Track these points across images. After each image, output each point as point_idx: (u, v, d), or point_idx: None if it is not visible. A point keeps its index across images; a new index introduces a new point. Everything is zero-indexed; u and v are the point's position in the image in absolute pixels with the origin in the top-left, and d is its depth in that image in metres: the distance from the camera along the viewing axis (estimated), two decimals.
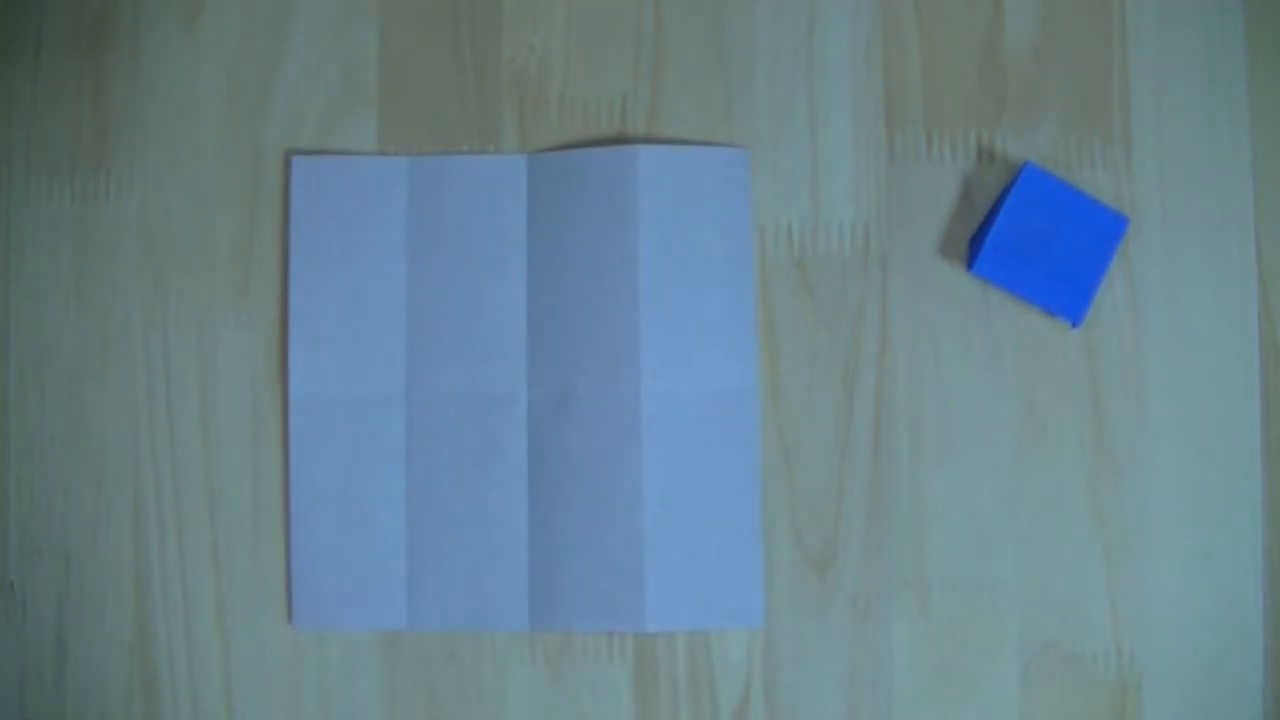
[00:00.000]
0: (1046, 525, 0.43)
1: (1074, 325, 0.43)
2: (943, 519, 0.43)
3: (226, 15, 0.45)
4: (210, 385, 0.44)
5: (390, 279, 0.44)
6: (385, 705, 0.43)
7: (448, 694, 0.43)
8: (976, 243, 0.43)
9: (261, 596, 0.43)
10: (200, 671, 0.43)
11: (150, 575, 0.43)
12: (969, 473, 0.43)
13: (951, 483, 0.43)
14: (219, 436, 0.44)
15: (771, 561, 0.43)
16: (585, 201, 0.44)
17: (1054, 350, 0.44)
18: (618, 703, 0.43)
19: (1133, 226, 0.43)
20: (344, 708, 0.43)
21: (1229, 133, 0.44)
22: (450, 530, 0.43)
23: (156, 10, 0.45)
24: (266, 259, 0.44)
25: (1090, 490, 0.43)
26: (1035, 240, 0.42)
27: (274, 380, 0.44)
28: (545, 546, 0.43)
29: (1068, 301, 0.42)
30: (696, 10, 0.45)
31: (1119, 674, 0.43)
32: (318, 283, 0.44)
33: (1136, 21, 0.44)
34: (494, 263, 0.44)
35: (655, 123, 0.44)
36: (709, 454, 0.43)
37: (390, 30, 0.45)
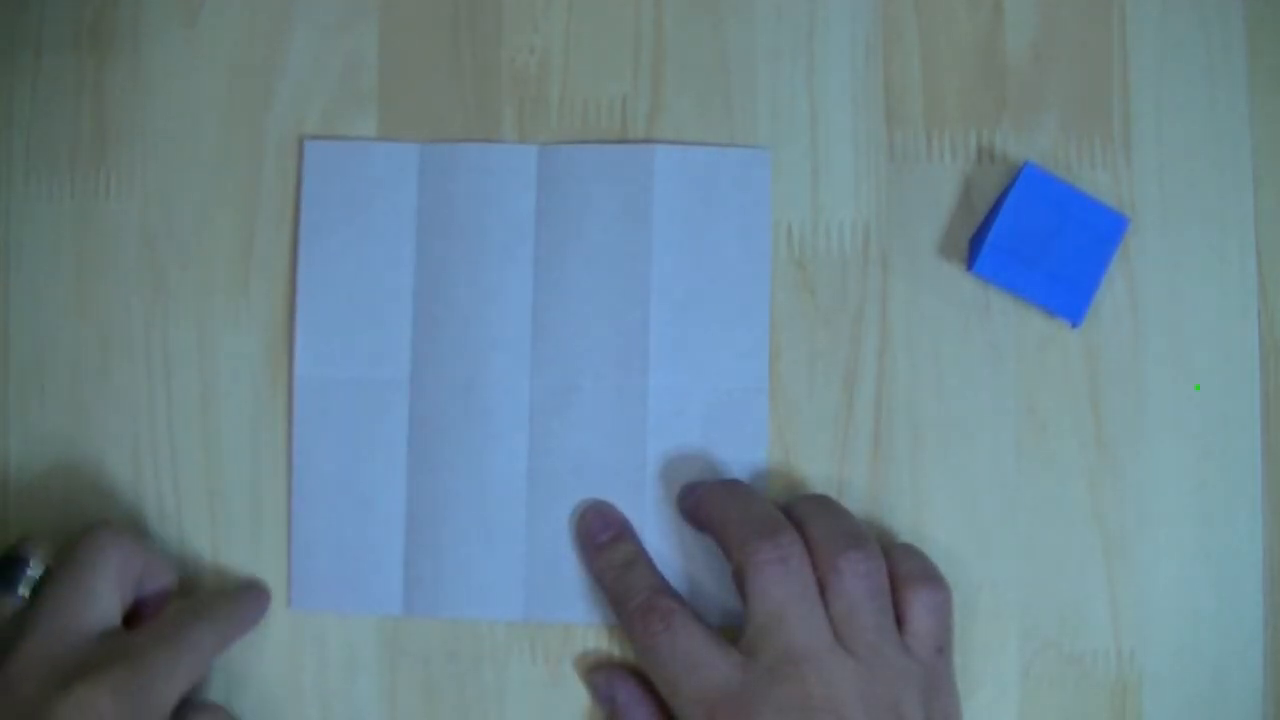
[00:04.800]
0: (1046, 525, 0.43)
1: (1074, 325, 0.43)
2: (943, 519, 0.43)
3: (226, 15, 0.45)
4: (211, 385, 0.44)
5: (398, 264, 0.44)
6: (385, 703, 0.43)
7: (447, 693, 0.43)
8: (976, 243, 0.43)
9: None
10: None
11: None
12: (969, 473, 0.43)
13: (951, 483, 0.43)
14: (220, 436, 0.44)
15: None
16: (597, 196, 0.44)
17: (1054, 350, 0.44)
18: None
19: (1133, 226, 0.43)
20: (343, 706, 0.43)
21: (1229, 133, 0.44)
22: (448, 518, 0.43)
23: (156, 10, 0.45)
24: (268, 258, 0.44)
25: (1090, 490, 0.43)
26: (1035, 240, 0.42)
27: (274, 380, 0.44)
28: (543, 537, 0.43)
29: (1068, 301, 0.42)
30: (696, 10, 0.45)
31: (1119, 674, 0.43)
32: (325, 266, 0.44)
33: (1136, 21, 0.44)
34: (500, 252, 0.44)
35: (655, 123, 0.44)
36: (715, 452, 0.43)
37: (390, 31, 0.45)
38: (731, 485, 0.42)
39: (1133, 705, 0.43)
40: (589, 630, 0.43)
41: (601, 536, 0.42)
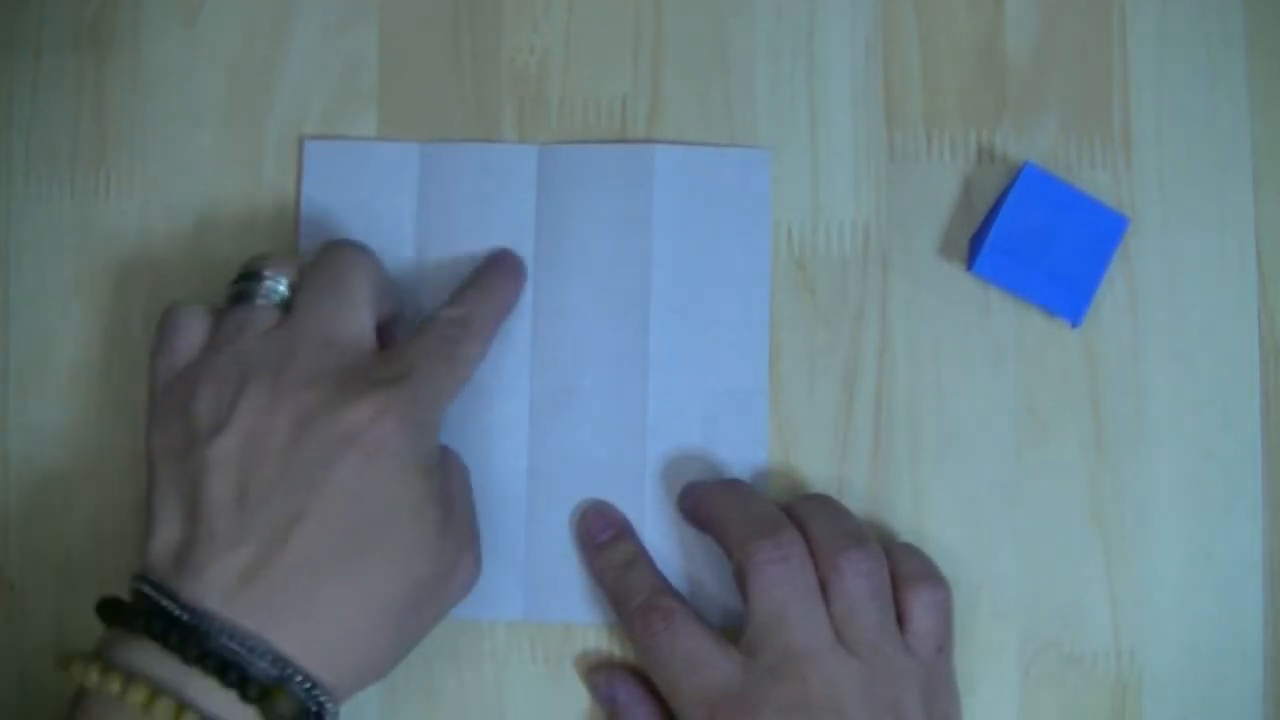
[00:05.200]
0: (1046, 525, 0.43)
1: (1074, 325, 0.43)
2: (943, 519, 0.43)
3: (226, 15, 0.45)
4: None
5: (397, 264, 0.44)
6: (385, 704, 0.43)
7: (447, 692, 0.43)
8: (976, 242, 0.43)
9: None
10: None
11: None
12: (969, 473, 0.43)
13: (951, 483, 0.43)
14: None
15: None
16: (596, 197, 0.44)
17: (1054, 350, 0.44)
18: None
19: (1133, 226, 0.43)
20: (343, 707, 0.43)
21: (1229, 133, 0.44)
22: None
23: (156, 10, 0.45)
24: None
25: (1090, 490, 0.43)
26: (1035, 240, 0.42)
27: None
28: (543, 537, 0.43)
29: (1068, 301, 0.42)
30: (696, 10, 0.45)
31: (1119, 674, 0.43)
32: None
33: (1136, 21, 0.44)
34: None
35: (655, 123, 0.44)
36: (715, 452, 0.43)
37: (390, 31, 0.45)
38: (732, 485, 0.42)
39: (1133, 705, 0.43)
40: (589, 630, 0.43)
41: (602, 536, 0.42)
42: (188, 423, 0.37)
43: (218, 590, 0.35)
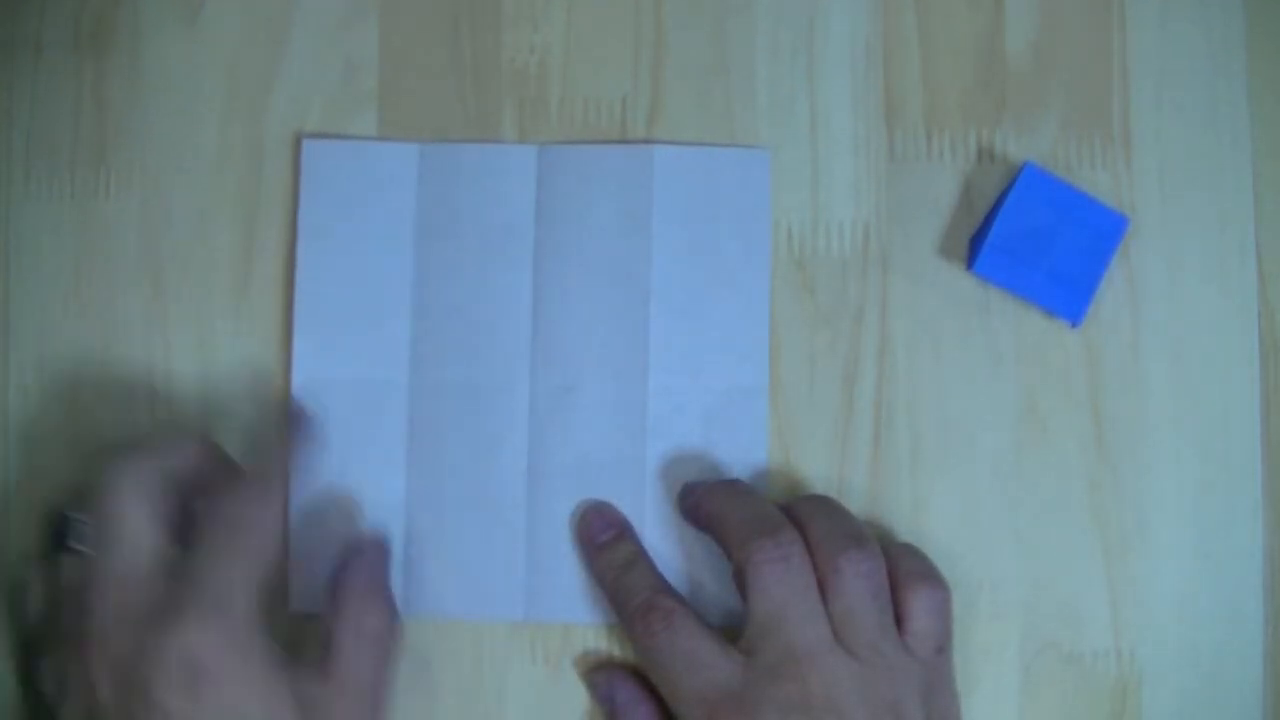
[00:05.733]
0: (1046, 525, 0.43)
1: (1074, 325, 0.43)
2: (943, 519, 0.43)
3: (226, 15, 0.45)
4: (210, 385, 0.44)
5: (397, 264, 0.44)
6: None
7: (447, 693, 0.43)
8: (976, 242, 0.43)
9: None
10: None
11: None
12: (969, 473, 0.43)
13: (951, 483, 0.43)
14: (219, 436, 0.44)
15: None
16: (596, 197, 0.44)
17: (1054, 350, 0.44)
18: None
19: (1133, 226, 0.43)
20: None
21: (1229, 133, 0.44)
22: (448, 518, 0.43)
23: (156, 10, 0.45)
24: (268, 258, 0.44)
25: (1090, 490, 0.43)
26: (1035, 240, 0.42)
27: (274, 380, 0.44)
28: (543, 537, 0.43)
29: (1068, 301, 0.42)
30: (696, 10, 0.45)
31: (1119, 674, 0.43)
32: (324, 265, 0.44)
33: (1137, 21, 0.44)
34: (500, 252, 0.44)
35: (655, 123, 0.44)
36: (715, 452, 0.43)
37: (390, 31, 0.45)
38: (731, 485, 0.42)
39: (1133, 705, 0.43)
40: (589, 630, 0.43)
41: (602, 536, 0.42)
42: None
43: None
